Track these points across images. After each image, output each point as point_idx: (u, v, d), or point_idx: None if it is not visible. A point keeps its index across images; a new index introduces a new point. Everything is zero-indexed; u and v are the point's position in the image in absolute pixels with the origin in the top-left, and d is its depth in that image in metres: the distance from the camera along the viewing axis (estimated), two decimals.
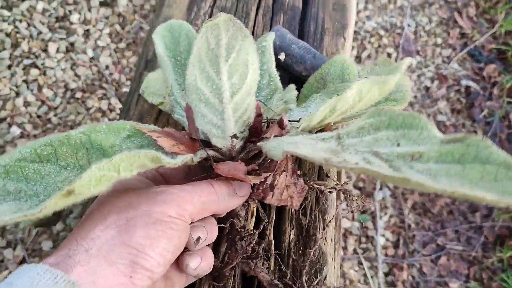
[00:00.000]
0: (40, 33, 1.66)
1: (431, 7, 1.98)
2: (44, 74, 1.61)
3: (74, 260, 0.41)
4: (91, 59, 1.67)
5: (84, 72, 1.64)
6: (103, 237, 0.42)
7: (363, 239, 1.58)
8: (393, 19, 1.93)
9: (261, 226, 0.56)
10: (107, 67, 1.67)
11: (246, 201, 0.56)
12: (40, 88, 1.58)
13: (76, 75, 1.63)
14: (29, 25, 1.66)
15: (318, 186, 0.58)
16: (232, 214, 0.55)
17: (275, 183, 0.54)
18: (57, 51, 1.65)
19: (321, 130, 0.57)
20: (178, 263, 0.53)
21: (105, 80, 1.64)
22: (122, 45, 1.72)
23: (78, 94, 1.60)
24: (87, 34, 1.71)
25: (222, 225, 0.55)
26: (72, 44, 1.67)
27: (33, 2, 1.70)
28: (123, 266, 0.41)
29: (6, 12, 1.66)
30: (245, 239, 0.54)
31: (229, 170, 0.50)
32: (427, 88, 1.82)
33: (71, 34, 1.69)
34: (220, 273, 0.53)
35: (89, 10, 1.75)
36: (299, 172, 0.55)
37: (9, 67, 1.58)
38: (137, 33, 1.75)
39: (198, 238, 0.50)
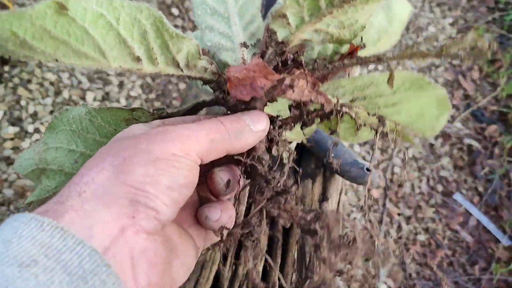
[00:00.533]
0: (80, 82, 1.85)
1: (437, 69, 2.13)
2: None
3: (65, 206, 0.36)
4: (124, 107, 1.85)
5: None
6: (98, 180, 0.37)
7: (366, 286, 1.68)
8: None
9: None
10: None
11: (271, 140, 0.49)
12: None
13: None
14: (71, 75, 1.86)
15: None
16: (252, 156, 0.47)
17: (294, 84, 0.47)
18: (94, 99, 1.84)
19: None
20: (197, 217, 0.49)
21: None
22: (152, 95, 1.90)
23: None
24: (121, 84, 1.90)
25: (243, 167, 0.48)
26: (107, 94, 1.86)
27: None
28: (123, 207, 0.36)
29: (51, 64, 1.86)
30: (270, 183, 0.46)
31: (246, 72, 0.44)
32: (432, 145, 1.95)
33: (107, 84, 1.88)
34: (247, 221, 0.47)
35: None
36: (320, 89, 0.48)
37: (51, 112, 1.77)
38: (165, 85, 1.93)
39: (229, 181, 0.46)
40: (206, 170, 0.47)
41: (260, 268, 0.75)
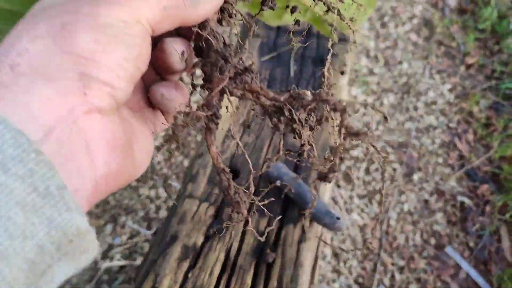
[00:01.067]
0: None
1: (434, 131, 2.32)
2: None
3: None
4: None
5: None
6: (33, 49, 0.30)
7: None
8: (401, 139, 2.27)
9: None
10: (159, 162, 2.08)
11: (223, 11, 0.44)
12: None
13: None
14: None
15: None
16: (206, 30, 0.42)
17: None
18: None
19: None
20: (150, 96, 0.43)
21: (156, 173, 2.04)
22: (173, 145, 2.14)
23: (134, 183, 1.99)
24: None
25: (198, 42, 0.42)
26: None
27: None
28: (71, 81, 0.30)
29: None
30: (229, 60, 0.41)
31: None
32: (426, 201, 2.10)
33: None
34: (207, 102, 0.41)
35: None
36: None
37: None
38: (185, 137, 2.17)
39: (183, 53, 0.41)
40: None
41: None
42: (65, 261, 0.29)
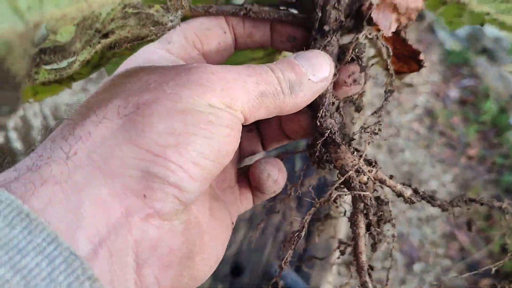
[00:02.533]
0: None
1: (434, 221, 2.35)
2: None
3: (42, 174, 0.25)
4: None
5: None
6: (96, 135, 0.27)
7: None
8: (402, 228, 2.31)
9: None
10: None
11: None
12: None
13: None
14: None
15: None
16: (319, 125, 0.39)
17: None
18: None
19: None
20: (252, 173, 0.39)
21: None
22: None
23: None
24: None
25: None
26: None
27: None
28: (132, 180, 0.26)
29: None
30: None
31: None
32: None
33: None
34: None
35: None
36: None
37: None
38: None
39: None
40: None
41: None
42: None
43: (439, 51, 3.37)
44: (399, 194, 0.42)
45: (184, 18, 0.39)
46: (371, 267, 0.39)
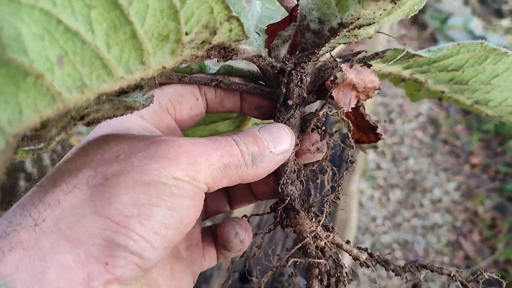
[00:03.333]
0: None
1: (440, 229, 2.35)
2: None
3: (11, 240, 0.27)
4: None
5: None
6: (65, 204, 0.28)
7: None
8: (407, 235, 2.31)
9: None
10: None
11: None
12: None
13: None
14: None
15: None
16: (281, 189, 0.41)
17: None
18: None
19: None
20: (220, 233, 0.42)
21: None
22: None
23: None
24: None
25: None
26: None
27: None
28: (95, 248, 0.28)
29: None
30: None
31: (360, 82, 0.42)
32: None
33: None
34: (307, 249, 0.41)
35: None
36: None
37: None
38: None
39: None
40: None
41: None
42: None
43: None
44: (355, 258, 0.45)
45: (160, 85, 0.42)
46: None
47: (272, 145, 0.37)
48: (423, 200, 2.46)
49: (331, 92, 0.41)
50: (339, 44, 0.43)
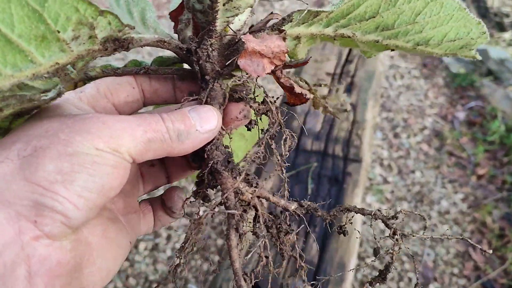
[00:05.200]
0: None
1: (449, 241, 2.36)
2: (132, 266, 2.11)
3: None
4: (169, 257, 2.17)
5: (161, 268, 2.12)
6: None
7: None
8: (415, 248, 2.32)
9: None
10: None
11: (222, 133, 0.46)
12: (127, 277, 2.07)
13: (155, 269, 2.11)
14: None
15: None
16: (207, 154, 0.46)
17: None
18: (145, 248, 2.17)
19: None
20: (165, 196, 0.49)
21: (176, 276, 2.11)
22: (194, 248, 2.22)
23: (153, 285, 2.05)
24: (169, 237, 2.25)
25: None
26: (156, 244, 2.20)
27: None
28: (24, 208, 0.32)
29: None
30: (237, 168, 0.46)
31: (265, 48, 0.44)
32: None
33: (157, 236, 2.23)
34: (226, 200, 0.46)
35: None
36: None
37: None
38: (205, 239, 2.25)
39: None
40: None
41: None
42: None
43: (445, 75, 3.43)
44: (285, 209, 0.48)
45: (96, 79, 0.47)
46: (246, 274, 0.44)
47: (199, 124, 0.41)
48: (431, 212, 2.48)
49: (236, 62, 0.44)
50: (229, 17, 0.45)
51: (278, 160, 0.49)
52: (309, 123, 1.65)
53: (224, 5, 0.43)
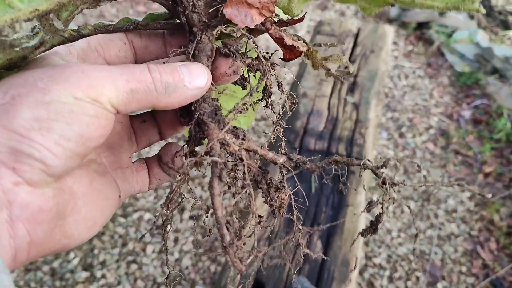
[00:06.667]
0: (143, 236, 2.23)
1: (456, 239, 2.35)
2: (140, 269, 2.12)
3: None
4: (176, 259, 2.18)
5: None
6: None
7: None
8: (423, 247, 2.31)
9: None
10: (187, 267, 2.16)
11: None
12: (135, 279, 2.08)
13: (163, 272, 2.13)
14: (136, 230, 2.25)
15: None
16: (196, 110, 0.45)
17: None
18: (153, 251, 2.19)
19: None
20: (162, 151, 0.49)
21: (183, 277, 2.12)
22: (200, 250, 2.24)
23: (162, 287, 2.07)
24: (176, 240, 2.26)
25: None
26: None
27: (142, 213, 2.33)
28: (2, 155, 0.32)
29: (122, 219, 2.28)
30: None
31: None
32: None
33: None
34: (211, 149, 0.45)
35: (181, 221, 2.33)
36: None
37: (117, 261, 2.12)
38: (213, 242, 2.27)
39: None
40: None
41: None
42: None
43: (450, 74, 3.43)
44: (273, 162, 0.48)
45: (88, 36, 0.47)
46: (228, 222, 0.43)
47: (188, 79, 0.40)
48: (438, 211, 2.48)
49: (222, 11, 0.43)
50: None
51: (276, 119, 0.49)
52: (312, 123, 1.66)
53: None
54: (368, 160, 0.49)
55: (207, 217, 0.46)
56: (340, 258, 1.27)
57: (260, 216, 0.47)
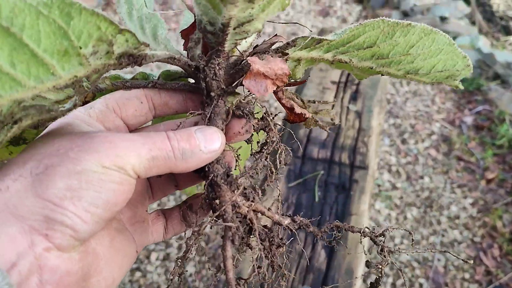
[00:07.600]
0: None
1: (460, 245, 2.36)
2: (144, 276, 2.13)
3: None
4: None
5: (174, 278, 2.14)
6: (13, 189, 0.35)
7: None
8: (426, 253, 2.32)
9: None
10: (190, 275, 2.17)
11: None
12: (139, 287, 2.09)
13: (167, 279, 2.14)
14: None
15: None
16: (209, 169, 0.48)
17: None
18: (157, 258, 2.20)
19: None
20: (191, 205, 0.51)
21: (188, 285, 2.13)
22: (204, 258, 2.24)
23: None
24: (180, 247, 2.27)
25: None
26: (168, 254, 2.23)
27: None
28: (36, 223, 0.34)
29: None
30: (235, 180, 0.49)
31: (269, 70, 0.47)
32: None
33: (169, 246, 2.26)
34: (223, 213, 0.47)
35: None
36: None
37: None
38: (216, 250, 2.28)
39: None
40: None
41: None
42: None
43: None
44: (278, 223, 0.51)
45: (108, 91, 0.51)
46: (238, 283, 0.47)
47: (203, 144, 0.43)
48: (441, 217, 2.48)
49: (242, 82, 0.47)
50: (238, 40, 0.48)
51: (273, 173, 0.52)
52: (315, 131, 1.68)
53: (234, 29, 0.46)
54: (367, 228, 0.52)
55: (214, 269, 0.50)
56: (344, 267, 1.28)
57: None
